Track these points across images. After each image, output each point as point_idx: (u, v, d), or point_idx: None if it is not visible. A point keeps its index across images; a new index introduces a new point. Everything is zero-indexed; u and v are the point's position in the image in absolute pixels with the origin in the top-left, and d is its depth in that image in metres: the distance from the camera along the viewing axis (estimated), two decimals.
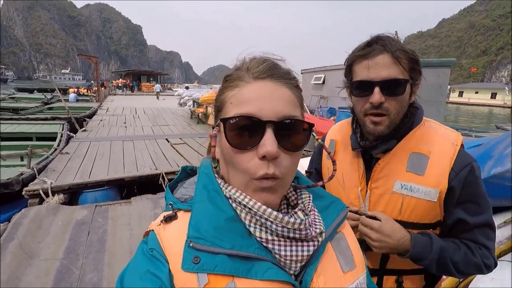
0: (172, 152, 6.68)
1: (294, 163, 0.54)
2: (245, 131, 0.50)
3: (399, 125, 0.93)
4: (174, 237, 0.52)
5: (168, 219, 0.54)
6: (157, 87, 29.24)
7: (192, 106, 13.68)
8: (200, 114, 11.72)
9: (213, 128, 0.56)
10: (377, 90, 0.87)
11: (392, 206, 0.95)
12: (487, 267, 0.91)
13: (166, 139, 8.07)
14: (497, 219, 2.48)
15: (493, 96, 57.77)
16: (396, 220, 0.93)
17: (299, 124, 0.52)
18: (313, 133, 0.58)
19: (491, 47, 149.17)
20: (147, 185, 4.99)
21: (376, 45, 0.88)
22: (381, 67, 0.87)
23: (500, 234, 2.31)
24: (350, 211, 0.96)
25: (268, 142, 0.48)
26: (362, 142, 0.99)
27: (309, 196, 0.62)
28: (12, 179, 4.15)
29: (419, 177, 0.91)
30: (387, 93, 0.88)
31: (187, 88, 29.20)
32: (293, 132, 0.51)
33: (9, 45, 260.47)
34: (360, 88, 0.91)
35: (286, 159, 0.51)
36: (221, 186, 0.56)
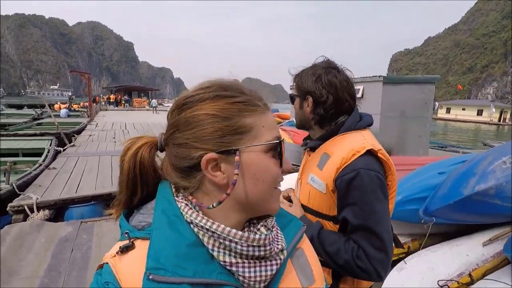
0: None
1: None
2: (279, 151, 0.56)
3: (327, 130, 1.16)
4: (131, 269, 0.50)
5: (124, 250, 0.51)
6: (153, 102, 30.16)
7: None
8: None
9: (224, 152, 0.52)
10: None
11: (305, 194, 1.17)
12: (362, 270, 0.99)
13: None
14: (482, 237, 2.48)
15: (479, 113, 59.02)
16: (306, 206, 1.16)
17: None
18: None
19: (476, 64, 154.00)
20: None
21: None
22: None
23: (486, 252, 2.29)
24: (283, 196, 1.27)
25: (287, 159, 0.58)
26: (304, 141, 1.29)
27: None
28: None
29: (319, 171, 1.11)
30: None
31: None
32: None
33: None
34: None
35: None
36: (181, 210, 0.54)
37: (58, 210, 4.38)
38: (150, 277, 0.46)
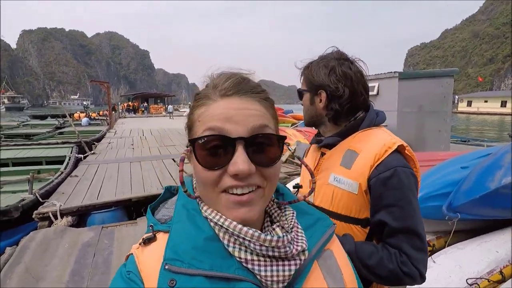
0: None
1: (274, 174, 0.52)
2: (215, 149, 0.48)
3: (346, 126, 1.08)
4: (151, 260, 0.51)
5: (146, 241, 0.54)
6: (170, 108, 31.33)
7: None
8: None
9: (188, 147, 0.56)
10: None
11: (327, 196, 1.06)
12: (408, 276, 0.91)
13: (173, 159, 8.11)
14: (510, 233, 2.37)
15: (503, 104, 56.73)
16: (328, 210, 1.04)
17: (270, 138, 0.51)
18: (289, 147, 0.59)
19: (497, 55, 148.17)
20: None
21: None
22: None
23: None
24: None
25: (240, 159, 0.47)
26: (316, 137, 1.19)
27: (293, 213, 0.60)
28: (11, 206, 4.14)
29: (347, 170, 1.01)
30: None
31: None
32: (265, 146, 0.50)
33: (24, 75, 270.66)
34: None
35: (263, 172, 0.50)
36: (200, 205, 0.56)
37: (80, 216, 4.51)
38: (166, 267, 0.48)
